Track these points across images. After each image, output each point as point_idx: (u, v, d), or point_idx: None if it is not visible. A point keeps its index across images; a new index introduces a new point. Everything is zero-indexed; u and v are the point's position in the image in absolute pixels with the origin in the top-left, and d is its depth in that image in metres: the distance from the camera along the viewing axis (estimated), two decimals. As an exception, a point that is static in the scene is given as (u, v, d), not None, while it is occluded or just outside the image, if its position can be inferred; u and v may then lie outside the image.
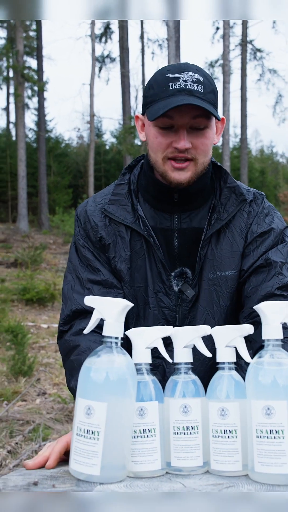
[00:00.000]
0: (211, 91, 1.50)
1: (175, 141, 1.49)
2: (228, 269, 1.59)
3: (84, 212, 1.67)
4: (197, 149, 1.51)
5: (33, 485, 1.05)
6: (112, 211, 1.62)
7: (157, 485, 1.06)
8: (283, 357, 1.12)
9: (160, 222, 1.61)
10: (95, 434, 1.07)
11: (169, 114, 1.46)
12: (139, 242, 1.60)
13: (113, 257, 1.61)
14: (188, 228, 1.60)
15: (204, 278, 1.59)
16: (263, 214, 1.63)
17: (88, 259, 1.63)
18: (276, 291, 1.53)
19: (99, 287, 1.60)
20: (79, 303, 1.58)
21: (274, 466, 1.06)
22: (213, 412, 1.16)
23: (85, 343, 1.51)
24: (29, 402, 4.82)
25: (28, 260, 11.69)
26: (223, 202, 1.61)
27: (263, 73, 26.54)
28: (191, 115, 1.47)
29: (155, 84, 1.51)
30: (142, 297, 1.60)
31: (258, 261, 1.58)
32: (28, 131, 27.05)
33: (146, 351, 1.20)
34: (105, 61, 26.37)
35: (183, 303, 1.59)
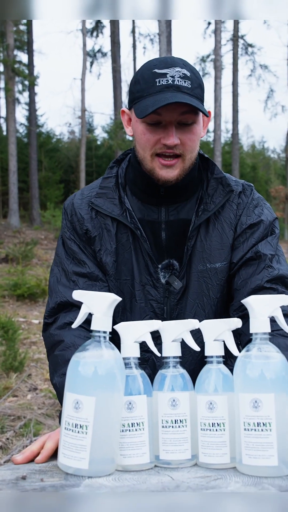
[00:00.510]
0: (198, 85, 1.50)
1: (164, 138, 1.49)
2: (218, 261, 1.59)
3: (71, 205, 1.67)
4: (185, 145, 1.51)
5: (22, 479, 1.05)
6: (99, 204, 1.62)
7: (145, 478, 1.07)
8: (270, 350, 1.12)
9: (147, 214, 1.61)
10: (84, 428, 1.08)
11: (157, 111, 1.45)
12: (125, 234, 1.61)
13: (98, 250, 1.61)
14: (175, 220, 1.61)
15: (193, 270, 1.59)
16: (253, 206, 1.63)
17: (74, 251, 1.63)
18: (266, 284, 1.54)
19: (85, 279, 1.60)
20: (64, 295, 1.58)
21: (262, 458, 1.07)
22: (201, 405, 1.16)
23: (70, 339, 1.51)
24: (20, 398, 4.81)
25: (19, 255, 11.65)
26: (210, 193, 1.62)
27: (254, 68, 26.56)
28: (179, 111, 1.47)
29: (142, 79, 1.50)
30: (128, 290, 1.60)
31: (248, 254, 1.58)
32: (19, 126, 26.94)
33: (134, 345, 1.20)
34: (96, 55, 26.29)
35: (170, 295, 1.59)
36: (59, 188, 24.95)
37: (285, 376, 1.10)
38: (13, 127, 19.37)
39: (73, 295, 1.19)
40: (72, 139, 32.63)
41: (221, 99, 20.31)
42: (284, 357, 1.12)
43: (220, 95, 20.30)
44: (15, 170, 19.09)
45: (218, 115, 20.29)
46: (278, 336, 1.41)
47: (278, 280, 1.55)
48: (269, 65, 30.79)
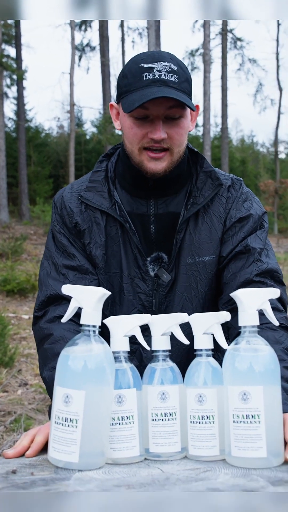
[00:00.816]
0: (185, 80, 1.50)
1: (151, 132, 1.49)
2: (206, 254, 1.60)
3: (61, 199, 1.68)
4: (172, 139, 1.51)
5: (12, 473, 1.05)
6: (89, 198, 1.63)
7: (136, 471, 1.07)
8: (259, 343, 1.13)
9: (136, 207, 1.62)
10: (74, 422, 1.08)
11: (144, 105, 1.46)
12: (114, 228, 1.61)
13: (88, 243, 1.62)
14: (164, 213, 1.61)
15: (182, 263, 1.60)
16: (242, 199, 1.64)
17: (64, 245, 1.64)
18: (255, 278, 1.55)
19: (74, 272, 1.61)
20: (53, 288, 1.59)
21: (251, 450, 1.08)
22: (191, 398, 1.17)
23: (59, 332, 1.51)
24: (10, 393, 4.81)
25: (9, 250, 11.61)
26: (199, 186, 1.62)
27: (243, 62, 26.58)
28: (166, 105, 1.47)
29: (129, 73, 1.50)
30: (117, 283, 1.61)
31: (237, 248, 1.59)
32: (8, 121, 26.75)
33: (124, 339, 1.21)
34: (85, 49, 26.16)
35: (159, 288, 1.60)
36: (48, 183, 24.83)
37: (273, 369, 1.11)
38: (1, 122, 19.25)
39: (62, 289, 1.19)
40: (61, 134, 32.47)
41: (210, 93, 20.31)
42: (272, 350, 1.13)
43: (209, 89, 20.30)
44: (4, 165, 18.98)
45: (207, 109, 20.28)
46: (267, 329, 1.42)
47: (267, 273, 1.56)
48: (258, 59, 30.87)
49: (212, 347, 1.21)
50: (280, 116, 27.36)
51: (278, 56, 27.61)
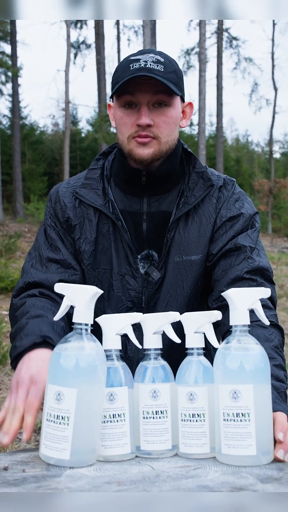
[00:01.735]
0: (172, 71, 1.54)
1: (138, 119, 1.53)
2: (194, 253, 1.62)
3: (56, 193, 1.72)
4: (159, 128, 1.54)
5: (3, 470, 1.06)
6: (83, 194, 1.66)
7: (126, 468, 1.08)
8: (250, 342, 1.14)
9: (129, 205, 1.64)
10: (65, 419, 1.09)
11: (130, 91, 1.51)
12: (106, 225, 1.64)
13: (78, 238, 1.65)
14: (156, 212, 1.63)
15: (170, 261, 1.62)
16: (233, 199, 1.66)
17: (52, 238, 1.67)
18: (245, 275, 1.56)
19: (57, 266, 1.64)
20: (32, 276, 1.63)
21: (241, 448, 1.09)
22: (181, 396, 1.18)
23: (29, 303, 1.55)
24: (3, 391, 4.81)
25: (3, 248, 11.58)
26: (191, 186, 1.64)
27: (239, 61, 26.64)
28: (152, 92, 1.51)
29: (119, 67, 1.55)
30: (106, 280, 1.63)
31: (228, 245, 1.60)
32: (2, 118, 26.70)
33: (116, 337, 1.21)
34: (80, 47, 26.12)
35: (149, 285, 1.62)
36: (42, 180, 24.80)
37: (263, 368, 1.12)
38: (-4, 119, 19.19)
39: (55, 288, 1.20)
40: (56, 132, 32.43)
41: (205, 92, 20.31)
42: (263, 349, 1.14)
43: (205, 88, 20.30)
44: (-2, 162, 18.94)
45: (203, 108, 20.29)
46: (257, 327, 1.43)
47: (258, 271, 1.57)
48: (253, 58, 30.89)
49: (203, 346, 1.21)
50: (275, 116, 27.43)
51: (273, 56, 27.68)
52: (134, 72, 1.49)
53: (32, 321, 1.47)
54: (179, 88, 1.56)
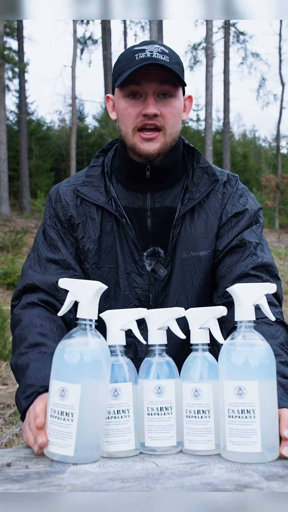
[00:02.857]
0: (177, 62, 1.54)
1: (144, 109, 1.52)
2: (202, 249, 1.61)
3: (56, 192, 1.69)
4: (165, 118, 1.53)
5: (7, 466, 1.05)
6: (85, 192, 1.63)
7: (130, 465, 1.07)
8: (255, 338, 1.13)
9: (133, 202, 1.62)
10: (69, 415, 1.08)
11: (136, 80, 1.50)
12: (110, 223, 1.62)
13: (81, 237, 1.62)
14: (161, 208, 1.62)
15: (177, 258, 1.60)
16: (238, 195, 1.65)
17: (52, 238, 1.64)
18: (251, 271, 1.55)
19: (56, 266, 1.61)
20: (31, 278, 1.59)
21: (245, 445, 1.08)
22: (186, 392, 1.17)
23: (28, 318, 1.51)
24: (10, 386, 4.82)
25: (10, 244, 11.61)
26: (196, 182, 1.63)
27: (246, 56, 26.50)
28: (158, 81, 1.50)
29: (123, 58, 1.55)
30: (112, 278, 1.61)
31: (233, 242, 1.59)
32: (9, 114, 26.69)
33: (120, 333, 1.21)
34: (87, 42, 26.08)
35: (156, 283, 1.60)
36: (49, 176, 24.79)
37: (269, 364, 1.11)
38: (3, 115, 19.21)
39: (59, 283, 1.19)
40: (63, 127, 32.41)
41: (212, 88, 20.23)
42: (268, 345, 1.13)
43: (212, 83, 20.21)
44: (5, 158, 18.96)
45: (210, 103, 20.21)
46: (263, 324, 1.42)
47: (263, 267, 1.56)
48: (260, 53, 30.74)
49: (208, 342, 1.20)
50: (282, 111, 27.29)
51: (280, 51, 27.52)
52: (141, 61, 1.48)
53: (32, 363, 1.38)
54: (182, 79, 1.55)
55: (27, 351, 1.43)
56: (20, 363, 1.42)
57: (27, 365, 1.39)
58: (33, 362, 1.38)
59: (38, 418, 1.15)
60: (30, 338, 1.45)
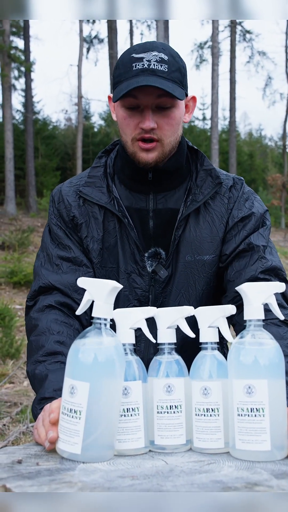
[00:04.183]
0: (177, 69, 1.51)
1: (141, 122, 1.51)
2: (206, 253, 1.61)
3: (59, 193, 1.69)
4: (162, 130, 1.52)
5: (17, 463, 1.06)
6: (87, 192, 1.63)
7: (140, 463, 1.08)
8: (264, 337, 1.13)
9: (135, 202, 1.63)
10: (77, 413, 1.09)
11: (133, 94, 1.48)
12: (112, 223, 1.62)
13: (85, 237, 1.63)
14: (163, 209, 1.62)
15: (180, 260, 1.60)
16: (243, 199, 1.65)
17: (60, 236, 1.65)
18: (260, 275, 1.55)
19: (69, 264, 1.61)
20: (46, 278, 1.60)
21: (255, 443, 1.08)
22: (196, 391, 1.17)
23: (45, 323, 1.51)
24: (16, 384, 4.84)
25: (16, 243, 11.64)
26: (199, 184, 1.63)
27: (252, 55, 26.43)
28: (155, 95, 1.48)
29: (121, 64, 1.53)
30: (114, 278, 1.61)
31: (241, 246, 1.59)
32: (15, 113, 26.75)
33: (130, 331, 1.21)
34: (93, 42, 26.08)
35: (156, 284, 1.60)
36: (55, 175, 24.82)
37: (278, 363, 1.11)
38: (9, 114, 19.25)
39: (78, 282, 1.18)
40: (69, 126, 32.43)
41: (218, 86, 20.19)
42: (277, 344, 1.14)
43: (218, 82, 20.18)
44: (12, 157, 19.00)
45: (216, 102, 20.18)
46: (271, 325, 1.42)
47: (272, 271, 1.56)
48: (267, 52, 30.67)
49: (218, 340, 1.21)
50: (288, 110, 27.17)
51: (287, 49, 27.42)
52: (137, 74, 1.47)
53: (51, 374, 1.38)
54: (182, 86, 1.53)
55: (45, 360, 1.43)
56: (38, 373, 1.42)
57: (45, 376, 1.39)
58: (52, 373, 1.38)
59: (52, 413, 1.15)
60: (47, 346, 1.45)
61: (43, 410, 1.25)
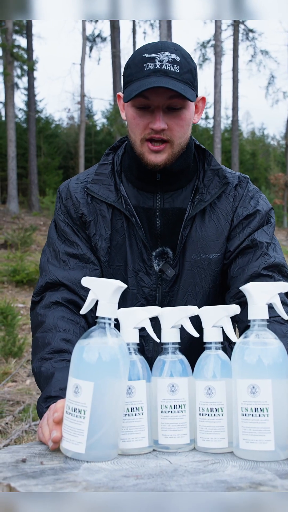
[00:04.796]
0: (188, 70, 1.50)
1: (151, 122, 1.50)
2: (212, 252, 1.61)
3: (67, 189, 1.68)
4: (172, 131, 1.52)
5: (22, 462, 1.06)
6: (95, 190, 1.63)
7: (144, 462, 1.08)
8: (268, 337, 1.13)
9: (143, 201, 1.62)
10: (82, 412, 1.09)
11: (145, 95, 1.47)
12: (120, 221, 1.62)
13: (93, 235, 1.63)
14: (170, 208, 1.62)
15: (186, 259, 1.60)
16: (248, 197, 1.65)
17: (67, 233, 1.64)
18: (263, 271, 1.55)
19: (76, 260, 1.61)
20: (53, 274, 1.59)
21: (259, 443, 1.08)
22: (199, 390, 1.17)
23: (51, 320, 1.51)
24: (19, 383, 4.84)
25: (18, 241, 11.64)
26: (206, 184, 1.63)
27: (255, 54, 26.39)
28: (166, 95, 1.47)
29: (132, 64, 1.52)
30: (121, 277, 1.61)
31: (244, 243, 1.59)
32: (18, 111, 26.78)
33: (133, 331, 1.21)
34: (96, 40, 26.08)
35: (163, 283, 1.61)
36: (58, 174, 24.85)
37: (282, 362, 1.11)
38: (12, 112, 19.26)
39: (82, 282, 1.18)
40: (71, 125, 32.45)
41: (221, 85, 20.18)
42: (281, 344, 1.13)
43: (220, 81, 20.17)
44: (14, 156, 19.01)
45: (218, 101, 20.17)
46: (275, 323, 1.42)
47: (275, 267, 1.56)
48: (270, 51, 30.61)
49: (222, 340, 1.21)
50: (291, 109, 27.13)
51: (290, 48, 27.35)
52: (149, 74, 1.46)
53: (58, 373, 1.38)
54: (193, 87, 1.53)
55: (51, 357, 1.43)
56: (44, 370, 1.42)
57: (52, 374, 1.39)
58: (58, 372, 1.38)
59: (56, 412, 1.15)
60: (54, 344, 1.45)
61: (49, 409, 1.25)
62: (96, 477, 0.98)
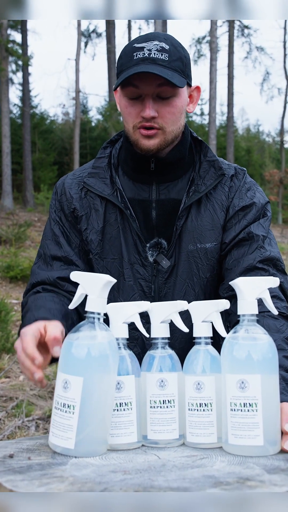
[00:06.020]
0: (178, 58, 1.51)
1: (142, 111, 1.51)
2: (208, 241, 1.61)
3: (62, 185, 1.70)
4: (163, 118, 1.52)
5: (9, 457, 1.06)
6: (91, 184, 1.64)
7: (132, 457, 1.08)
8: (258, 332, 1.13)
9: (138, 193, 1.63)
10: (71, 408, 1.08)
11: (134, 83, 1.49)
12: (113, 214, 1.62)
13: (85, 229, 1.64)
14: (166, 199, 1.62)
15: (183, 249, 1.60)
16: (245, 189, 1.64)
17: (55, 234, 1.67)
18: (258, 264, 1.55)
19: (60, 263, 1.64)
20: (39, 276, 1.64)
21: (248, 438, 1.08)
22: (189, 386, 1.17)
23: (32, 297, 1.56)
24: (12, 379, 4.84)
25: (13, 237, 11.63)
26: (202, 175, 1.63)
27: (250, 50, 26.43)
28: (155, 83, 1.48)
29: (123, 54, 1.53)
30: (116, 269, 1.61)
31: (240, 235, 1.59)
32: (13, 107, 26.68)
33: (123, 326, 1.21)
34: (91, 36, 26.02)
35: (159, 274, 1.60)
36: (52, 170, 24.80)
37: (271, 358, 1.11)
38: (6, 108, 19.19)
39: (71, 276, 1.18)
40: (66, 121, 32.36)
41: (216, 82, 20.17)
42: (271, 339, 1.13)
43: (216, 77, 20.16)
44: (9, 152, 18.95)
45: (213, 97, 20.16)
46: (268, 317, 1.42)
47: (270, 261, 1.56)
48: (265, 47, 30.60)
49: (211, 335, 1.20)
50: (286, 105, 27.18)
51: (285, 45, 27.37)
52: (137, 63, 1.47)
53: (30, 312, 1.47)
54: (184, 75, 1.53)
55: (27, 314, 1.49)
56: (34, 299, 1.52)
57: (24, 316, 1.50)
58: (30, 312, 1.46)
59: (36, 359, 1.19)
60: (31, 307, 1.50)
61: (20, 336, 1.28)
62: (83, 472, 0.97)
